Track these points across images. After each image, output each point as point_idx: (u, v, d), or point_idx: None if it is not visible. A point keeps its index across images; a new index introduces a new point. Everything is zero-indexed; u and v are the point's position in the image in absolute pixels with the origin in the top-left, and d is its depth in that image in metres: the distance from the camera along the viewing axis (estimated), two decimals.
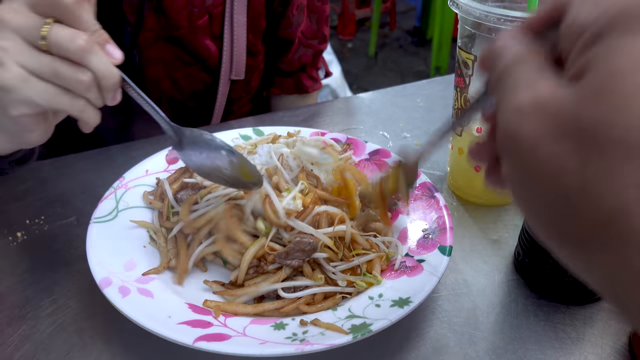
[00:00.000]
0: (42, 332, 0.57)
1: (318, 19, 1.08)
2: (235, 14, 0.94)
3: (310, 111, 1.04)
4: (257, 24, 0.99)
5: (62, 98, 0.51)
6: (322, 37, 1.10)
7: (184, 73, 0.96)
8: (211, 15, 0.93)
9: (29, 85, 0.50)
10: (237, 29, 0.95)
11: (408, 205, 0.69)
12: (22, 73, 0.49)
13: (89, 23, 0.51)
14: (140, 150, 0.87)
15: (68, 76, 0.50)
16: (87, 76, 0.50)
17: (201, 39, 0.93)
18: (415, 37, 4.51)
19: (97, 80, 0.51)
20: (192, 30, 0.92)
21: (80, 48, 0.49)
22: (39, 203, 0.76)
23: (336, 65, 2.41)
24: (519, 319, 0.59)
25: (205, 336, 0.50)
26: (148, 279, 0.58)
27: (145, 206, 0.69)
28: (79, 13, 0.50)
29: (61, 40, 0.49)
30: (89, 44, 0.50)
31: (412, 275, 0.58)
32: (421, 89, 1.12)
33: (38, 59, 0.50)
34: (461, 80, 0.70)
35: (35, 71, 0.50)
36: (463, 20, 0.67)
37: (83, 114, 0.53)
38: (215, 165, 0.61)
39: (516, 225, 0.74)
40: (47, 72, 0.50)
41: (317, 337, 0.50)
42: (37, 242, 0.69)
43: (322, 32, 1.09)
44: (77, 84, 0.50)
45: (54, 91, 0.51)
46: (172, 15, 0.89)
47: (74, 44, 0.49)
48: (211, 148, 0.61)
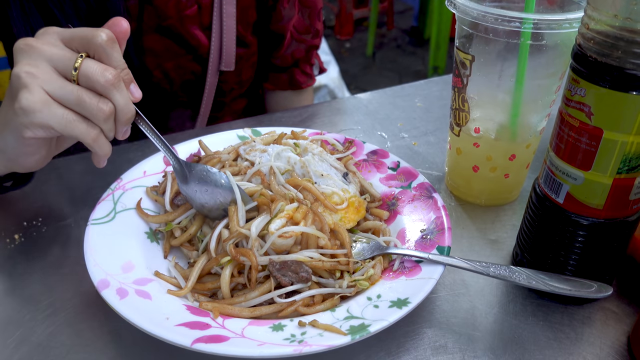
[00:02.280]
0: (40, 334, 0.57)
1: (310, 14, 1.07)
2: (225, 5, 0.94)
3: (308, 112, 1.04)
4: (246, 15, 0.99)
5: (78, 125, 0.55)
6: (315, 32, 1.10)
7: (174, 64, 0.96)
8: (200, 5, 0.93)
9: (49, 109, 0.54)
10: (227, 20, 0.96)
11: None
12: (45, 98, 0.54)
13: (118, 61, 0.57)
14: (137, 152, 0.87)
15: (91, 105, 0.55)
16: (108, 107, 0.56)
17: (190, 29, 0.94)
18: (412, 37, 4.52)
19: (116, 113, 0.57)
20: (181, 20, 0.92)
21: (108, 82, 0.55)
22: (36, 205, 0.76)
23: (334, 65, 2.41)
24: (518, 319, 0.59)
25: (203, 338, 0.50)
26: (146, 280, 0.58)
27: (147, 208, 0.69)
28: (110, 51, 0.56)
29: (92, 72, 0.54)
30: (116, 79, 0.55)
31: (411, 276, 0.58)
32: (419, 89, 1.12)
33: (64, 87, 0.54)
34: (459, 81, 0.70)
35: (59, 98, 0.54)
36: (460, 20, 0.67)
37: (95, 142, 0.57)
38: (218, 203, 0.65)
39: (514, 226, 0.74)
40: (72, 99, 0.54)
41: (316, 339, 0.50)
42: (35, 244, 0.69)
43: (315, 26, 1.09)
44: (98, 113, 0.55)
45: (72, 118, 0.55)
46: (159, 4, 0.90)
47: (103, 77, 0.54)
48: (217, 185, 0.64)
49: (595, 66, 0.48)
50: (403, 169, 0.76)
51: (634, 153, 0.50)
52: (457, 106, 0.72)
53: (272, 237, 0.58)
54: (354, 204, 0.69)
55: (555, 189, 0.56)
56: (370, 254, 0.63)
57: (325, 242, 0.60)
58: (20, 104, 0.53)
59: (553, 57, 0.64)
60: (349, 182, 0.72)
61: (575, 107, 0.52)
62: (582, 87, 0.50)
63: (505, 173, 0.74)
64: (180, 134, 0.95)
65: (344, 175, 0.73)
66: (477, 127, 0.72)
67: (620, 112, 0.48)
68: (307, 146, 0.75)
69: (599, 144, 0.51)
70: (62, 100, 0.54)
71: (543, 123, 0.71)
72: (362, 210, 0.69)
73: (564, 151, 0.54)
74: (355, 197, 0.70)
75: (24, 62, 0.54)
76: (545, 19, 0.60)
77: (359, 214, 0.69)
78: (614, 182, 0.52)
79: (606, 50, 0.47)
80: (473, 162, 0.74)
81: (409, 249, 0.62)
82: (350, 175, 0.73)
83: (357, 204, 0.69)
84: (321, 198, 0.67)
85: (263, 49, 1.08)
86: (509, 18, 0.60)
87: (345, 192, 0.69)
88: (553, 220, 0.58)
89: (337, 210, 0.67)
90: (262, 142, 0.77)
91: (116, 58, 0.56)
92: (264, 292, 0.58)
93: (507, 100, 0.68)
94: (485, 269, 0.57)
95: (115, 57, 0.56)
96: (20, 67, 0.54)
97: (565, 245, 0.58)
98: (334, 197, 0.68)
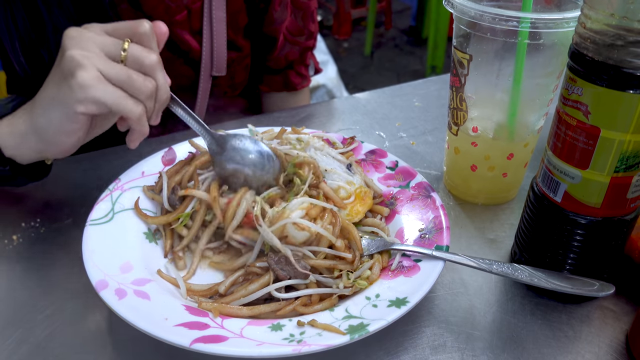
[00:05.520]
0: (39, 335, 0.57)
1: (303, 15, 1.07)
2: (214, 10, 0.94)
3: (306, 111, 1.04)
4: (236, 19, 0.99)
5: (128, 101, 0.61)
6: (308, 34, 1.09)
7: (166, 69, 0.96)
8: (190, 10, 0.93)
9: (102, 87, 0.60)
10: (217, 24, 0.96)
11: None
12: (99, 75, 0.60)
13: (155, 48, 0.65)
14: (136, 152, 0.87)
15: (139, 82, 0.61)
16: (152, 84, 0.63)
17: (180, 34, 0.94)
18: (411, 36, 4.52)
19: (157, 92, 0.64)
20: (171, 26, 0.92)
21: (153, 62, 0.63)
22: (34, 206, 0.76)
23: (332, 65, 2.41)
24: (516, 318, 0.60)
25: (202, 338, 0.50)
26: (144, 281, 0.58)
27: (142, 207, 0.69)
28: (151, 38, 0.64)
29: (139, 54, 0.62)
30: (159, 61, 0.64)
31: (409, 275, 0.58)
32: (417, 89, 1.12)
33: (114, 67, 0.61)
34: (457, 80, 0.70)
35: (111, 77, 0.60)
36: (458, 19, 0.67)
37: (140, 120, 0.63)
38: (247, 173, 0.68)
39: (512, 225, 0.74)
40: (122, 78, 0.61)
41: (315, 338, 0.50)
42: (33, 244, 0.69)
43: (309, 28, 1.09)
44: (144, 89, 0.62)
45: (122, 95, 0.61)
46: (148, 10, 0.90)
47: (148, 58, 0.62)
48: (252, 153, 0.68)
49: (592, 65, 0.48)
50: (401, 168, 0.76)
51: (631, 151, 0.50)
52: (455, 105, 0.73)
53: (286, 221, 0.59)
54: (359, 195, 0.69)
55: (553, 188, 0.56)
56: (375, 250, 0.63)
57: (340, 244, 0.61)
58: (77, 79, 0.58)
59: (550, 56, 0.64)
60: (354, 173, 0.72)
61: (573, 106, 0.52)
62: (579, 86, 0.50)
63: (504, 172, 0.74)
64: (179, 134, 0.95)
65: (348, 166, 0.73)
66: (475, 127, 0.72)
67: (617, 111, 0.48)
68: (309, 140, 0.75)
69: (596, 143, 0.51)
70: (113, 79, 0.60)
71: (541, 122, 0.72)
72: (368, 200, 0.69)
73: (561, 150, 0.54)
74: (361, 188, 0.70)
75: (77, 46, 0.60)
76: (542, 18, 0.60)
77: (366, 204, 0.69)
78: (611, 180, 0.52)
79: (603, 49, 0.47)
80: (471, 162, 0.75)
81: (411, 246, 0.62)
82: (354, 166, 0.73)
83: (362, 195, 0.69)
84: (336, 199, 0.66)
85: (256, 51, 1.08)
86: (507, 17, 0.61)
87: (350, 185, 0.69)
88: (551, 219, 0.58)
89: (345, 206, 0.67)
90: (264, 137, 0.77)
91: (155, 48, 0.64)
92: (263, 285, 0.58)
93: (505, 100, 0.68)
94: (488, 266, 0.57)
95: (153, 45, 0.64)
96: (74, 50, 0.59)
97: (563, 244, 0.58)
98: (340, 192, 0.68)
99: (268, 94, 1.16)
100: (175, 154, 0.78)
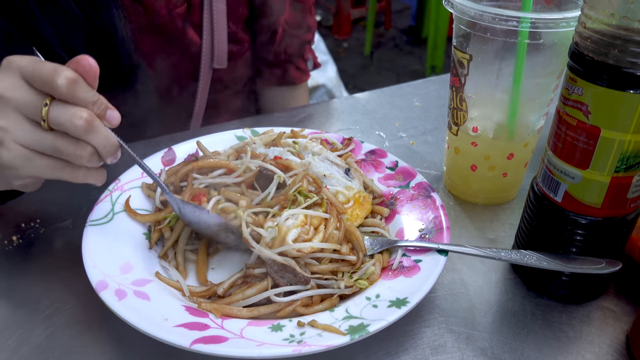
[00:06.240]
0: (38, 336, 0.57)
1: (302, 9, 1.07)
2: (215, 2, 0.94)
3: (305, 111, 1.04)
4: (236, 11, 0.99)
5: (63, 171, 0.55)
6: (307, 27, 1.10)
7: (167, 63, 0.96)
8: (190, 3, 0.93)
9: (31, 163, 0.53)
10: (217, 17, 0.95)
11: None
12: (23, 152, 0.53)
13: (87, 99, 0.53)
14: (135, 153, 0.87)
15: (69, 152, 0.53)
16: (87, 151, 0.54)
17: (181, 28, 0.93)
18: (410, 36, 4.51)
19: (98, 151, 0.55)
20: (171, 19, 0.92)
21: (79, 129, 0.52)
22: (34, 206, 0.76)
23: (332, 65, 2.41)
24: (516, 318, 0.59)
25: (202, 338, 0.50)
26: (144, 281, 0.58)
27: (142, 208, 0.69)
28: (74, 93, 0.52)
29: (61, 122, 0.52)
30: (87, 123, 0.52)
31: (409, 276, 0.58)
32: (417, 89, 1.12)
33: (39, 137, 0.53)
34: (457, 80, 0.70)
35: (37, 149, 0.53)
36: (458, 19, 0.67)
37: (86, 179, 0.57)
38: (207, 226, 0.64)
39: (513, 225, 0.74)
40: (49, 149, 0.53)
41: (315, 339, 0.50)
42: (33, 245, 0.69)
43: (307, 21, 1.09)
44: (77, 159, 0.54)
45: (56, 165, 0.55)
46: (149, 3, 0.90)
47: (72, 124, 0.52)
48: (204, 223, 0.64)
49: (593, 65, 0.48)
50: (401, 168, 0.76)
51: (631, 151, 0.50)
52: (455, 105, 0.73)
53: (287, 247, 0.57)
54: (358, 200, 0.69)
55: (554, 188, 0.56)
56: (379, 248, 0.63)
57: (345, 250, 0.60)
58: (2, 160, 0.53)
59: (550, 56, 0.64)
60: (352, 178, 0.72)
61: (573, 106, 0.52)
62: (580, 85, 0.50)
63: (504, 172, 0.74)
64: (179, 134, 0.95)
65: (346, 171, 0.73)
66: (475, 127, 0.72)
67: (617, 111, 0.48)
68: (307, 144, 0.75)
69: (596, 143, 0.51)
70: (41, 151, 0.54)
71: (541, 122, 0.71)
72: (367, 205, 0.69)
73: (561, 150, 0.54)
74: (360, 193, 0.69)
75: None
76: (542, 17, 0.60)
77: (365, 209, 0.69)
78: (611, 180, 0.52)
79: (603, 49, 0.47)
80: (471, 161, 0.74)
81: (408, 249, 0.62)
82: (352, 171, 0.73)
83: (361, 200, 0.69)
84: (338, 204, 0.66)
85: (256, 45, 1.08)
86: (507, 17, 0.61)
87: (349, 190, 0.69)
88: (551, 219, 0.58)
89: (345, 210, 0.67)
90: (261, 142, 0.77)
91: (82, 97, 0.53)
92: (261, 289, 0.58)
93: (505, 100, 0.68)
94: (496, 254, 0.58)
95: (81, 96, 0.53)
96: None
97: (563, 243, 0.58)
98: (339, 197, 0.68)
99: (266, 89, 1.16)
100: (175, 154, 0.78)
